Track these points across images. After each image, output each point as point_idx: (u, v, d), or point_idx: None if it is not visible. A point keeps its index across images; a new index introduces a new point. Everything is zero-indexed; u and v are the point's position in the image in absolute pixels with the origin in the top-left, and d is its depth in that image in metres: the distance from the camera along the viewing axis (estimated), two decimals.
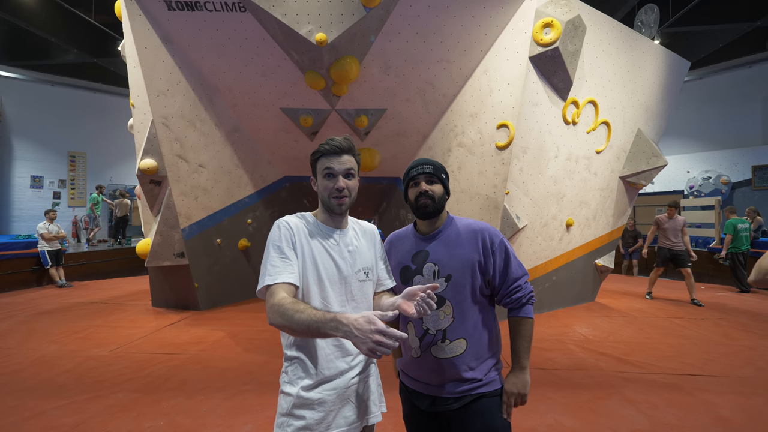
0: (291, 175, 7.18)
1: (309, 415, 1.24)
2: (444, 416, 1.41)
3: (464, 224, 1.48)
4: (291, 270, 1.23)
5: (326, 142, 1.33)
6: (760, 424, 2.83)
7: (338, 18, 4.65)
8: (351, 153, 1.33)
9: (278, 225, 1.31)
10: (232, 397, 3.23)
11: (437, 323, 1.41)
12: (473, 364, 1.39)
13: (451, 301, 1.40)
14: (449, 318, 1.40)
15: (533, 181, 5.23)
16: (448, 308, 1.40)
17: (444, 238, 1.46)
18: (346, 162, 1.32)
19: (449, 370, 1.39)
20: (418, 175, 1.46)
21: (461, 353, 1.39)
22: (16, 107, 13.19)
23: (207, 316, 5.84)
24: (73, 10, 9.55)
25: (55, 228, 8.39)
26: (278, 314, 1.12)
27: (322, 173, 1.33)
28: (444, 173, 1.49)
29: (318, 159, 1.34)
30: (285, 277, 1.21)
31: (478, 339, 1.41)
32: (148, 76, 5.27)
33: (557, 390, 3.38)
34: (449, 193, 1.51)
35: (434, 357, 1.40)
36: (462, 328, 1.40)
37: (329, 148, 1.31)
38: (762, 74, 12.18)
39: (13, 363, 3.98)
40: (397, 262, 1.52)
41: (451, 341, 1.39)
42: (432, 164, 1.47)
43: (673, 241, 6.66)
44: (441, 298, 1.40)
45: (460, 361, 1.38)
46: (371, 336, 0.97)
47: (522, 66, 4.85)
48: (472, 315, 1.41)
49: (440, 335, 1.40)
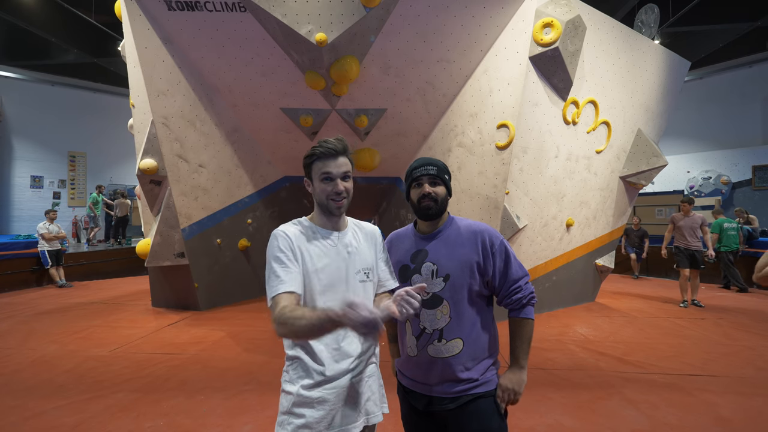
0: (291, 175, 7.18)
1: (309, 414, 1.24)
2: (440, 416, 1.41)
3: (464, 225, 1.48)
4: (292, 278, 1.24)
5: (320, 144, 1.31)
6: (760, 424, 2.83)
7: (338, 18, 4.65)
8: (345, 154, 1.33)
9: (275, 236, 1.31)
10: (232, 397, 3.23)
11: (434, 322, 1.40)
12: (469, 364, 1.39)
13: (448, 300, 1.40)
14: (446, 318, 1.40)
15: (533, 181, 5.23)
16: (445, 308, 1.40)
17: (444, 238, 1.46)
18: (342, 165, 1.31)
19: (445, 369, 1.39)
20: (421, 176, 1.45)
21: (457, 353, 1.39)
22: (16, 107, 13.19)
23: (207, 316, 5.84)
24: (73, 10, 9.54)
25: (55, 228, 8.39)
26: (282, 325, 1.13)
27: (319, 177, 1.32)
28: (447, 174, 1.49)
29: (313, 162, 1.33)
30: (287, 286, 1.22)
31: (475, 339, 1.41)
32: (148, 76, 5.27)
33: (557, 390, 3.38)
34: (451, 193, 1.51)
35: (431, 356, 1.40)
36: (459, 328, 1.40)
37: (324, 150, 1.30)
38: (762, 74, 12.17)
39: (13, 363, 3.98)
40: (397, 261, 1.52)
41: (447, 341, 1.39)
42: (436, 165, 1.46)
43: (689, 240, 6.31)
44: (438, 297, 1.40)
45: (457, 361, 1.38)
46: (362, 322, 0.96)
47: (522, 66, 4.85)
48: (469, 315, 1.41)
49: (437, 335, 1.40)
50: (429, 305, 1.41)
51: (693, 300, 6.49)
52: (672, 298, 7.00)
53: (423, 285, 1.15)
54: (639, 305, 6.56)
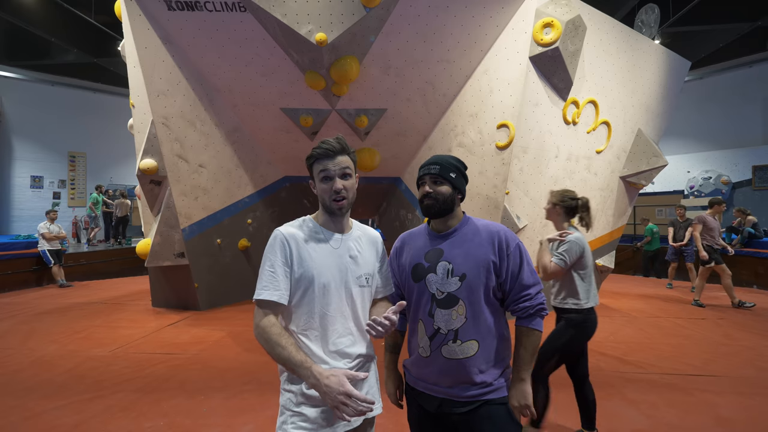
0: (291, 175, 7.17)
1: (310, 411, 1.25)
2: (450, 420, 1.38)
3: (482, 224, 1.45)
4: (277, 287, 1.26)
5: (318, 145, 1.32)
6: (760, 424, 2.83)
7: (338, 18, 4.65)
8: (345, 153, 1.33)
9: (274, 236, 1.32)
10: (232, 397, 3.23)
11: (449, 323, 1.36)
12: (484, 367, 1.36)
13: (464, 300, 1.36)
14: (462, 318, 1.36)
15: (533, 181, 5.23)
16: (461, 308, 1.36)
17: (459, 237, 1.43)
18: (340, 163, 1.31)
19: (460, 372, 1.35)
20: (424, 175, 1.45)
21: (472, 355, 1.35)
22: (16, 107, 13.19)
23: (207, 316, 5.84)
24: (73, 10, 9.55)
25: (56, 228, 8.39)
26: (263, 339, 1.24)
27: (319, 177, 1.33)
28: (455, 172, 1.44)
29: (313, 163, 1.34)
30: (270, 294, 1.25)
31: (490, 342, 1.38)
32: (148, 76, 5.27)
33: (557, 390, 3.36)
34: (463, 191, 1.48)
35: (444, 357, 1.36)
36: (475, 330, 1.36)
37: (322, 151, 1.31)
38: (762, 74, 12.17)
39: (13, 363, 3.98)
40: (410, 259, 1.48)
41: (462, 342, 1.35)
42: (440, 164, 1.44)
43: (717, 239, 6.38)
44: (454, 297, 1.36)
45: (471, 364, 1.35)
46: (338, 397, 1.12)
47: (522, 66, 4.84)
48: (485, 317, 1.37)
49: (452, 335, 1.36)
50: (444, 305, 1.37)
51: (696, 300, 6.50)
52: (672, 298, 7.00)
53: (402, 303, 1.21)
54: (639, 305, 6.56)
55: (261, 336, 1.24)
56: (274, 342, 1.21)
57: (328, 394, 1.12)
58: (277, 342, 1.21)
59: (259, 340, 1.24)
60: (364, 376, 1.21)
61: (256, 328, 1.25)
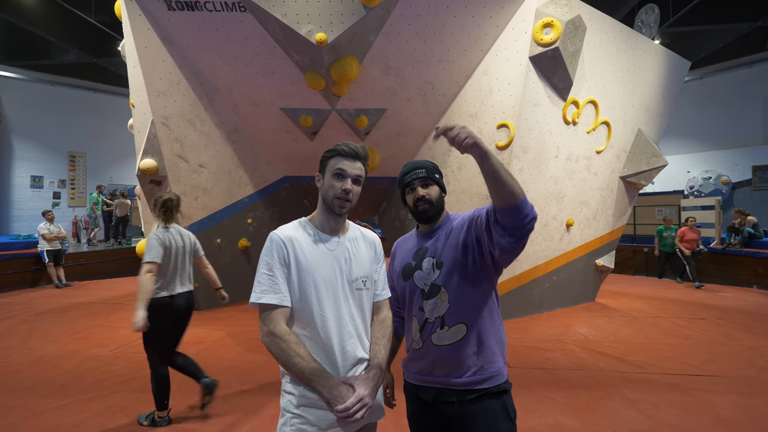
0: (291, 175, 7.17)
1: (310, 413, 1.24)
2: (446, 415, 1.39)
3: (460, 216, 1.50)
4: (277, 289, 1.26)
5: (345, 144, 1.34)
6: (760, 424, 2.83)
7: (338, 18, 4.65)
8: (364, 161, 1.36)
9: (271, 239, 1.31)
10: (232, 397, 3.23)
11: (434, 311, 1.40)
12: (475, 349, 1.37)
13: (445, 286, 1.40)
14: (446, 304, 1.39)
15: (533, 181, 5.23)
16: (444, 294, 1.39)
17: (443, 233, 1.48)
18: (357, 168, 1.34)
19: (451, 357, 1.37)
20: (412, 181, 1.47)
21: (462, 338, 1.37)
22: (16, 107, 13.19)
23: (207, 316, 5.84)
24: (73, 10, 9.55)
25: (56, 228, 8.38)
26: (278, 347, 1.22)
27: (332, 171, 1.33)
28: (438, 173, 1.50)
29: (332, 157, 1.35)
30: (272, 297, 1.24)
31: (479, 323, 1.39)
32: (148, 76, 5.27)
33: (557, 390, 3.38)
34: (446, 190, 1.53)
35: (435, 345, 1.39)
36: (461, 312, 1.38)
37: (347, 150, 1.33)
38: (762, 74, 12.17)
39: (13, 363, 3.98)
40: (401, 261, 1.55)
41: (450, 327, 1.38)
42: (424, 167, 1.48)
43: None
44: (435, 286, 1.41)
45: (462, 348, 1.36)
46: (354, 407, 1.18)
47: (522, 66, 4.84)
48: (470, 298, 1.39)
49: (438, 322, 1.39)
50: (429, 296, 1.42)
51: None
52: (673, 298, 7.00)
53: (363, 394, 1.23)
54: (639, 305, 6.56)
55: (275, 344, 1.21)
56: (293, 352, 1.20)
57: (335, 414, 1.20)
58: (294, 352, 1.20)
59: (272, 348, 1.22)
60: None
61: (269, 336, 1.22)
